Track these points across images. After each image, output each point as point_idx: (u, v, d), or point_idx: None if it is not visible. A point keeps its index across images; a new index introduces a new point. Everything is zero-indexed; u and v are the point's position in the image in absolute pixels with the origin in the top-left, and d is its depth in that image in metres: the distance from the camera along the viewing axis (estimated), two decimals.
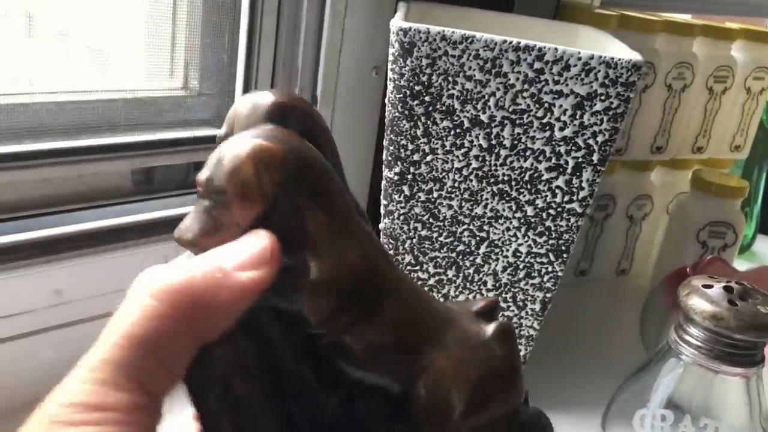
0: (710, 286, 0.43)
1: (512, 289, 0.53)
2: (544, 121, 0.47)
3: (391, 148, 0.49)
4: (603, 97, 0.46)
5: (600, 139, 0.47)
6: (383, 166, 0.50)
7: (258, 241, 0.23)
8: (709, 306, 0.42)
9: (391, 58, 0.47)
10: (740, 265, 0.76)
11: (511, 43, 0.45)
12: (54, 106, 0.53)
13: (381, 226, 0.52)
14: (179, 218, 0.57)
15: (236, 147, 0.23)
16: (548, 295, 0.53)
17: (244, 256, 0.23)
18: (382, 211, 0.52)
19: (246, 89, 0.60)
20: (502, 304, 0.53)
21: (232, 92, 0.60)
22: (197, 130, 0.58)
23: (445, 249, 0.52)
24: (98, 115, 0.54)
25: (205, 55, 0.61)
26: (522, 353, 0.55)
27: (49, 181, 0.50)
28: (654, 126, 0.76)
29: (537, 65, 0.46)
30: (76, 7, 0.55)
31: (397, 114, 0.48)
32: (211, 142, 0.59)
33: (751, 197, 0.92)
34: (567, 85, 0.46)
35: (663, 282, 0.63)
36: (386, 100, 0.49)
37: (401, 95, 0.47)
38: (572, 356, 0.67)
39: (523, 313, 0.54)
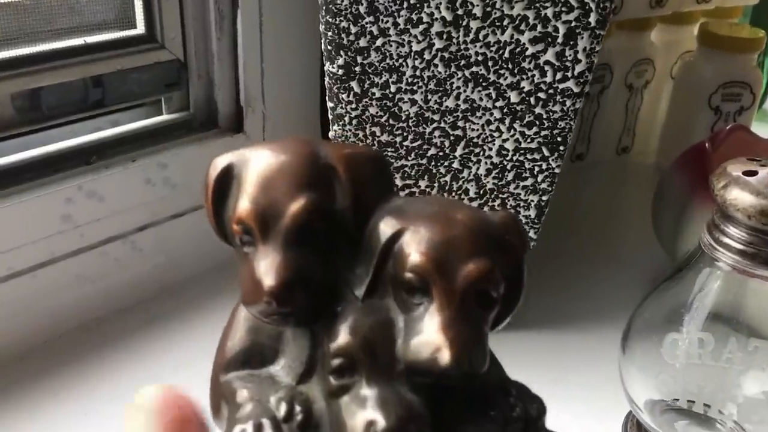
0: (753, 173, 0.33)
1: (500, 196, 0.43)
2: None
3: (330, 33, 0.38)
4: None
5: None
6: (323, 58, 0.39)
7: None
8: (754, 199, 0.32)
9: None
10: (758, 129, 0.66)
11: None
12: None
13: (330, 134, 0.42)
14: (83, 148, 0.45)
15: None
16: (544, 197, 0.43)
17: None
18: (329, 116, 0.41)
19: None
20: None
21: None
22: (90, 35, 0.47)
23: (413, 155, 0.41)
24: None
25: None
26: None
27: None
28: None
29: None
30: None
31: None
32: (111, 48, 0.47)
33: (766, 48, 0.80)
34: None
35: (676, 163, 0.53)
36: None
37: None
38: (577, 260, 0.58)
39: None
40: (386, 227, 0.22)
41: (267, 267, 0.21)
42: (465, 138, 0.41)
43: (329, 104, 0.41)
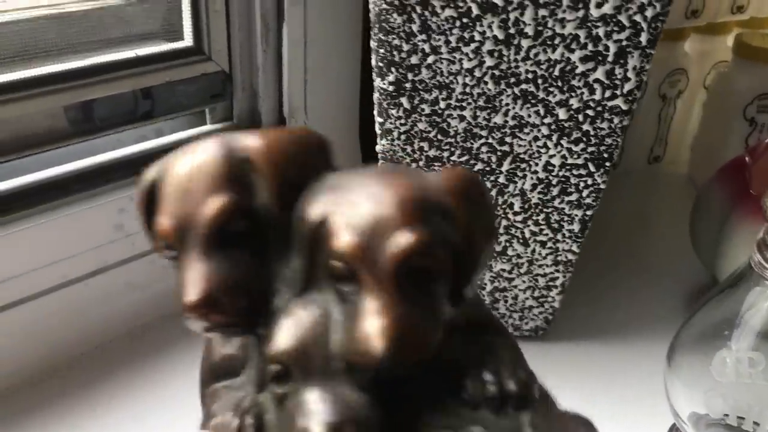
0: None
1: (544, 210, 0.43)
2: None
3: (381, 51, 0.39)
4: None
5: (650, 13, 0.36)
6: (374, 74, 0.40)
7: None
8: None
9: None
10: None
11: None
12: None
13: (378, 148, 0.42)
14: (133, 158, 0.46)
15: None
16: (588, 212, 0.43)
17: None
18: (377, 130, 0.41)
19: None
20: (533, 228, 0.44)
21: None
22: (142, 45, 0.47)
23: None
24: (15, 41, 0.43)
25: None
26: (560, 281, 0.46)
27: None
28: None
29: None
30: None
31: (384, 6, 0.37)
32: (160, 60, 0.48)
33: None
34: None
35: (716, 176, 0.53)
36: None
37: None
38: (611, 269, 0.58)
39: (559, 236, 0.44)
40: (311, 213, 0.20)
41: (186, 281, 0.20)
42: (512, 153, 0.41)
43: (378, 119, 0.41)
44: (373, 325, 0.18)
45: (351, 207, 0.19)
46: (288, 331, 0.19)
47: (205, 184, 0.20)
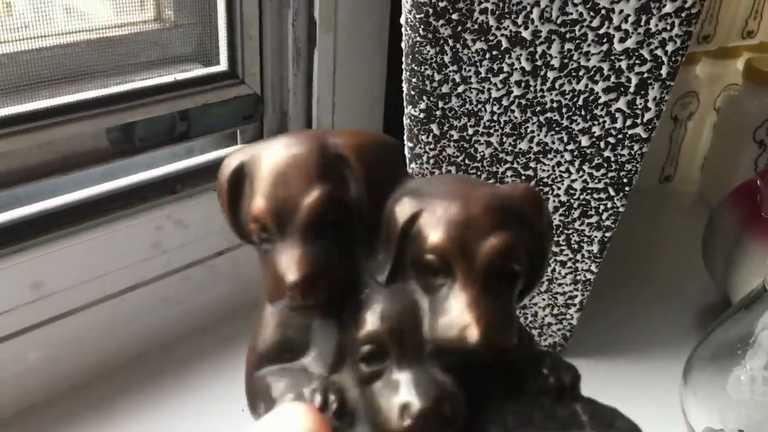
0: None
1: (565, 231, 0.45)
2: (601, 32, 0.38)
3: (414, 80, 0.41)
4: None
5: (670, 47, 0.38)
6: (405, 101, 0.42)
7: None
8: None
9: None
10: None
11: None
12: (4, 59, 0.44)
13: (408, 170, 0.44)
14: (169, 177, 0.48)
15: None
16: (607, 234, 0.45)
17: None
18: (407, 154, 0.43)
19: (229, 14, 0.50)
20: (554, 248, 0.46)
21: (213, 20, 0.51)
22: (176, 68, 0.49)
23: None
24: (61, 65, 0.46)
25: None
26: (578, 299, 0.48)
27: (8, 154, 0.42)
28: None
29: None
30: None
31: (418, 38, 0.39)
32: (197, 84, 0.50)
33: None
34: None
35: (728, 198, 0.55)
36: (403, 21, 0.40)
37: (422, 15, 0.38)
38: (624, 287, 0.60)
39: (578, 257, 0.46)
40: (403, 210, 0.21)
41: (288, 262, 0.21)
42: (535, 178, 0.43)
43: (408, 144, 0.43)
44: (468, 313, 0.20)
45: (443, 208, 0.21)
46: (383, 315, 0.21)
47: (305, 173, 0.21)
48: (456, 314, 0.20)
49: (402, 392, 0.20)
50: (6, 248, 0.41)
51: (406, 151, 0.43)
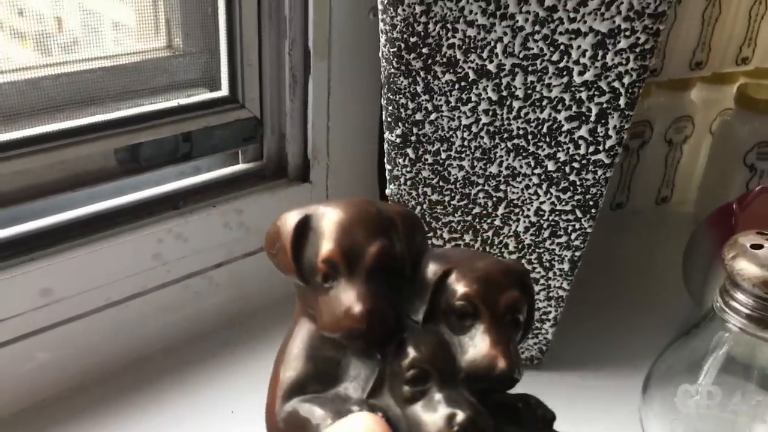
0: (759, 246, 0.38)
1: (537, 250, 0.48)
2: (561, 65, 0.41)
3: (390, 108, 0.44)
4: (628, 33, 0.40)
5: (627, 80, 0.41)
6: (384, 127, 0.45)
7: None
8: (758, 270, 0.37)
9: (380, 7, 0.41)
10: None
11: None
12: (25, 86, 0.48)
13: (387, 192, 0.47)
14: (172, 194, 0.52)
15: None
16: (577, 253, 0.48)
17: None
18: (387, 176, 0.47)
19: (231, 44, 0.54)
20: (527, 266, 0.49)
21: (217, 49, 0.55)
22: (183, 92, 0.53)
23: (459, 213, 0.47)
24: (73, 90, 0.50)
25: (187, 9, 0.55)
26: (552, 314, 0.51)
27: (23, 172, 0.46)
28: (692, 38, 0.68)
29: (548, 2, 0.39)
30: None
31: (392, 70, 0.42)
32: (200, 108, 0.54)
33: None
34: (585, 22, 0.39)
35: (707, 221, 0.57)
36: (380, 55, 0.43)
37: (395, 49, 0.42)
38: (608, 305, 0.62)
39: (550, 274, 0.49)
40: (437, 267, 0.28)
41: (356, 297, 0.26)
42: (506, 199, 0.46)
43: (387, 166, 0.46)
44: (495, 348, 0.26)
45: (469, 267, 0.27)
46: (424, 346, 0.26)
47: (368, 227, 0.27)
48: (485, 348, 0.26)
49: (444, 406, 0.25)
50: (19, 257, 0.45)
51: (387, 173, 0.47)
